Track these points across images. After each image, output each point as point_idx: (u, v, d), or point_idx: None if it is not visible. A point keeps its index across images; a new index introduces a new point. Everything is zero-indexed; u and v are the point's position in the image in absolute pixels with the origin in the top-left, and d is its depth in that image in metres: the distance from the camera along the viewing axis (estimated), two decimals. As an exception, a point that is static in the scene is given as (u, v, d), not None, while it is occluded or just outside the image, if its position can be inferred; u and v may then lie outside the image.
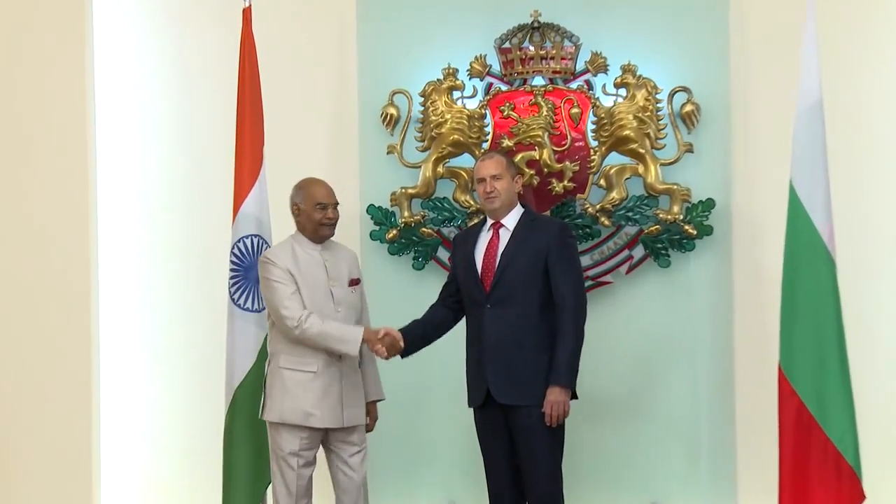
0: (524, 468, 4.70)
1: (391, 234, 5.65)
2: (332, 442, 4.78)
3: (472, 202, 5.45)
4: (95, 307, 5.73)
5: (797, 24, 4.90)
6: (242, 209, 5.22)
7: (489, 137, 5.60)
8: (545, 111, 5.57)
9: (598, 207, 5.55)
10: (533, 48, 5.57)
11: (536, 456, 4.66)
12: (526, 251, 4.70)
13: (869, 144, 5.47)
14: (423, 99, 5.62)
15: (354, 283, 4.86)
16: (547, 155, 5.57)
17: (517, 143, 5.58)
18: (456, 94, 5.61)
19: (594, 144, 5.56)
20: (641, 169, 5.51)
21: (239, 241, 5.22)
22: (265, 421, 4.79)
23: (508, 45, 5.62)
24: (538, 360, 4.64)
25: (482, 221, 4.88)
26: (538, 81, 5.62)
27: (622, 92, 5.56)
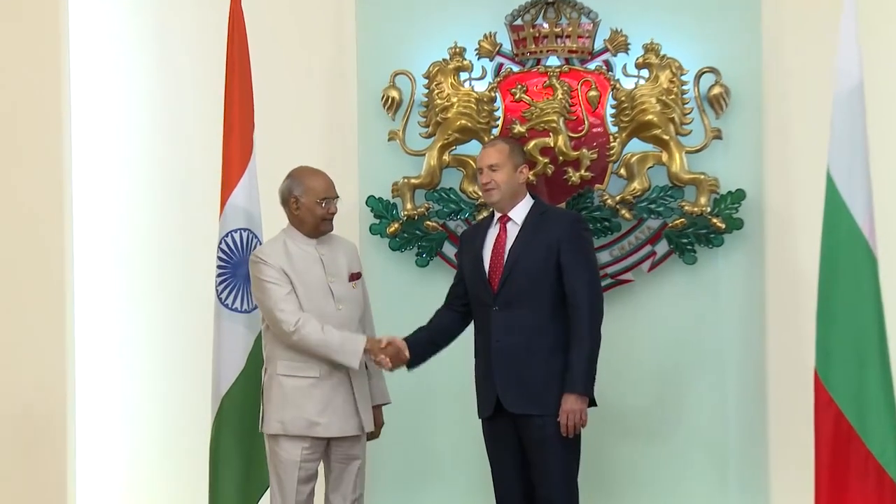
0: (537, 482, 4.60)
1: (392, 227, 5.54)
2: (332, 452, 4.68)
3: (480, 193, 5.25)
4: (70, 308, 5.65)
5: (835, -1, 4.78)
6: (230, 201, 5.14)
7: (499, 123, 5.50)
8: (560, 94, 5.45)
9: (617, 199, 5.43)
10: (547, 25, 5.48)
11: (550, 469, 4.55)
12: (536, 247, 4.60)
13: (914, 131, 5.32)
14: (427, 81, 5.50)
15: (355, 277, 4.75)
16: (562, 142, 5.45)
17: (530, 128, 5.46)
18: (463, 75, 5.51)
19: (614, 130, 5.45)
20: (665, 157, 5.40)
21: (227, 235, 5.13)
22: (260, 433, 4.73)
23: (520, 21, 5.52)
24: (551, 365, 4.54)
25: (491, 215, 4.79)
26: (553, 62, 5.51)
27: (644, 73, 5.44)
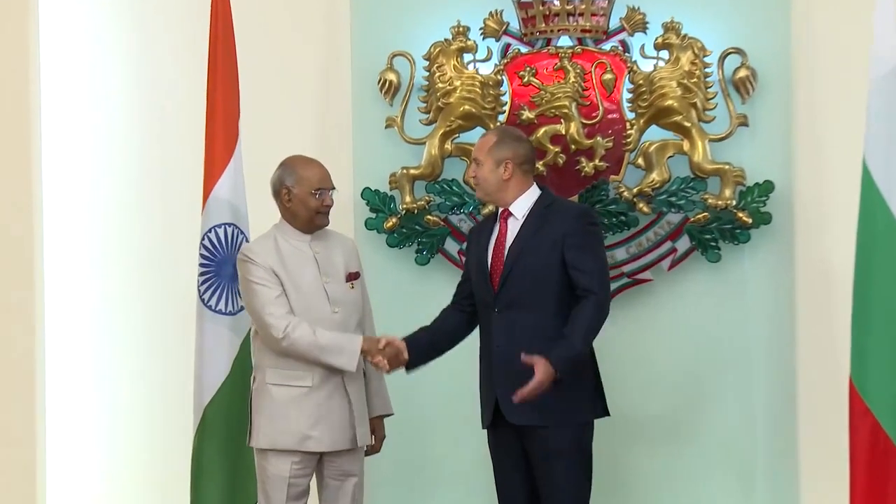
0: (543, 498, 4.53)
1: (390, 222, 5.47)
2: (326, 468, 4.62)
3: (484, 186, 5.18)
4: (41, 311, 5.62)
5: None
6: (214, 194, 5.09)
7: (506, 108, 5.43)
8: (572, 77, 5.38)
9: (635, 191, 5.36)
10: (558, 2, 5.41)
11: (559, 486, 4.47)
12: (538, 243, 4.52)
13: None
14: (427, 63, 5.44)
15: (353, 277, 4.69)
16: (574, 129, 5.37)
17: (539, 114, 5.40)
18: (467, 56, 5.45)
19: (631, 116, 5.39)
20: (687, 146, 5.34)
21: (210, 231, 5.09)
22: (249, 447, 4.67)
23: (529, -2, 5.46)
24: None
25: (497, 209, 4.72)
26: (564, 42, 5.44)
27: (664, 54, 5.38)
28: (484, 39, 5.43)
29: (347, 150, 5.53)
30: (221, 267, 5.05)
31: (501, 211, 4.61)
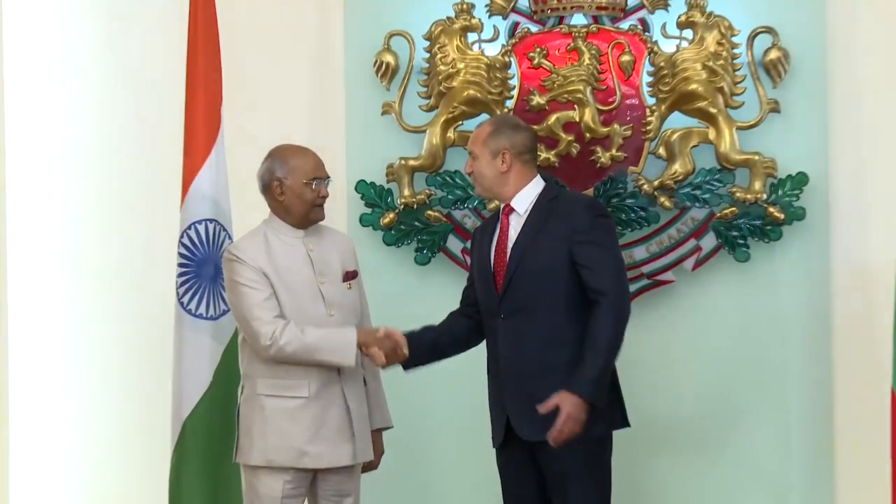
0: None
1: (387, 218, 5.41)
2: (320, 487, 4.54)
3: (489, 178, 5.21)
4: (4, 314, 5.60)
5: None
6: (194, 187, 5.06)
7: (514, 93, 5.36)
8: (587, 59, 5.31)
9: (655, 184, 5.27)
10: None
11: None
12: (543, 241, 4.43)
13: None
14: (428, 43, 5.37)
15: (350, 276, 4.60)
16: (589, 116, 5.30)
17: (551, 100, 5.31)
18: (471, 36, 5.37)
19: (651, 102, 5.32)
20: (712, 134, 5.26)
21: (189, 227, 5.04)
22: (234, 463, 4.60)
23: (540, -28, 5.45)
24: (568, 382, 4.32)
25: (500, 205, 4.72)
26: (578, 20, 5.36)
27: (687, 34, 5.30)
28: (490, 17, 5.38)
29: (340, 139, 5.48)
30: (202, 267, 5.03)
31: (503, 207, 4.55)
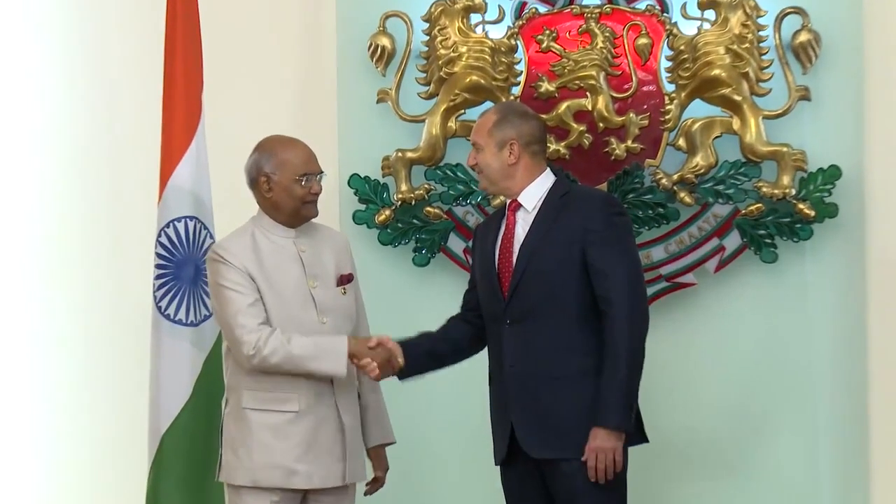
0: None
1: (383, 215, 5.26)
2: None
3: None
4: None
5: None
6: (172, 182, 4.97)
7: (521, 79, 5.19)
8: (600, 42, 5.16)
9: (675, 178, 5.09)
10: None
11: None
12: (554, 240, 4.28)
13: None
14: (428, 25, 5.21)
15: (345, 280, 4.45)
16: (603, 104, 5.14)
17: (561, 86, 5.16)
18: (475, 17, 5.23)
19: (670, 89, 5.15)
20: (737, 124, 5.08)
21: (167, 226, 4.94)
22: (217, 482, 4.43)
23: (549, -53, 5.35)
24: (581, 392, 4.20)
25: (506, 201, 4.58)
26: (591, 0, 5.21)
27: (709, 15, 5.12)
28: (495, -3, 5.30)
29: (332, 129, 5.33)
30: (181, 269, 4.94)
31: (510, 202, 4.40)
